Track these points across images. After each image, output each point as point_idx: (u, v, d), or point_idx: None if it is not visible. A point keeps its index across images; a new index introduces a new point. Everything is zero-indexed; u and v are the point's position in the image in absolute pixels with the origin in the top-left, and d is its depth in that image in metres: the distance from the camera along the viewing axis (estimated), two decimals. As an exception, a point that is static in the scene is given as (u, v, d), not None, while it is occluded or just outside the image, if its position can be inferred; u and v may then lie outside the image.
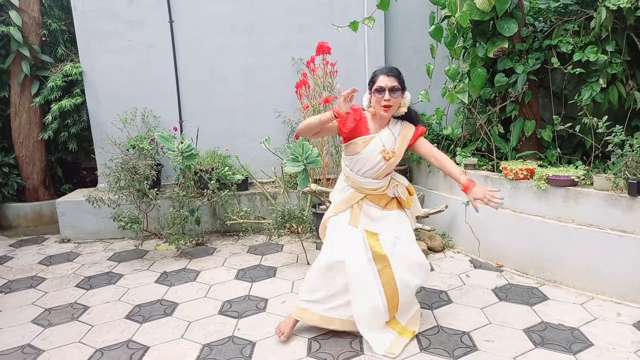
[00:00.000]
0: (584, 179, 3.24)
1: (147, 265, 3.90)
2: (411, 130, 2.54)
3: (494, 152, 3.95)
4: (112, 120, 4.64)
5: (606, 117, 3.29)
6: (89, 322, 2.92)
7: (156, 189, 4.14)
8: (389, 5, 3.70)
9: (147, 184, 4.01)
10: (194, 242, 4.34)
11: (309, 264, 3.72)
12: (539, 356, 2.39)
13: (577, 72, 3.51)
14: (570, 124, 3.59)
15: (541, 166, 3.53)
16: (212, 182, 4.27)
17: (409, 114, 2.53)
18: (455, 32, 3.74)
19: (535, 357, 2.38)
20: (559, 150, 3.80)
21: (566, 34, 3.65)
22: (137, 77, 4.78)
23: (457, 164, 3.65)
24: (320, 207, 4.29)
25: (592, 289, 3.03)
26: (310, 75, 4.48)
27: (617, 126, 3.13)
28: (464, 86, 3.92)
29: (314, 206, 4.40)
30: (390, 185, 2.57)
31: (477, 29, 3.87)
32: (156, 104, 4.82)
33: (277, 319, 2.84)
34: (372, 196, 2.55)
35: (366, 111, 2.52)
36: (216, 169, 4.42)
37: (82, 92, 4.94)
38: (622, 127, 3.14)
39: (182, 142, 4.28)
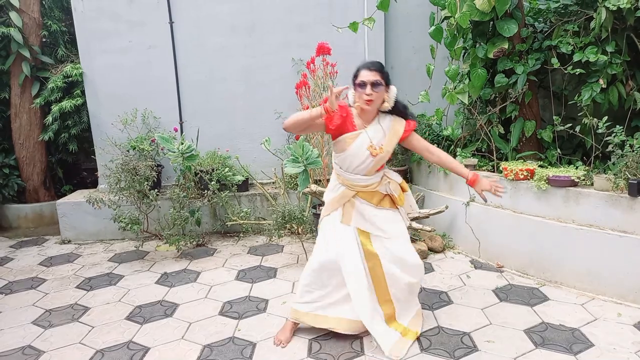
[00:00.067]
0: (584, 180, 3.24)
1: (148, 266, 3.90)
2: (402, 125, 2.51)
3: (494, 152, 3.95)
4: (112, 121, 4.65)
5: (606, 118, 3.29)
6: (89, 323, 2.92)
7: (156, 190, 4.14)
8: (389, 6, 3.70)
9: (147, 185, 4.01)
10: (195, 243, 4.34)
11: (309, 264, 3.72)
12: (540, 357, 2.39)
13: (577, 73, 3.52)
14: (570, 125, 3.59)
15: (541, 167, 3.53)
16: (212, 183, 4.28)
17: (396, 107, 2.49)
18: (455, 32, 3.73)
19: (535, 358, 2.38)
20: (559, 150, 3.80)
21: (566, 34, 3.65)
22: (138, 78, 4.78)
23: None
24: (320, 207, 4.28)
25: (593, 290, 3.03)
26: (310, 76, 4.48)
27: (617, 126, 3.13)
28: (464, 87, 3.92)
29: (314, 207, 4.40)
30: (382, 182, 2.55)
31: (477, 30, 3.87)
32: (156, 104, 4.82)
33: (278, 319, 2.85)
34: (364, 193, 2.53)
35: (352, 107, 2.50)
36: (216, 170, 4.42)
37: (83, 93, 4.94)
38: (622, 127, 3.14)
39: (182, 143, 4.28)
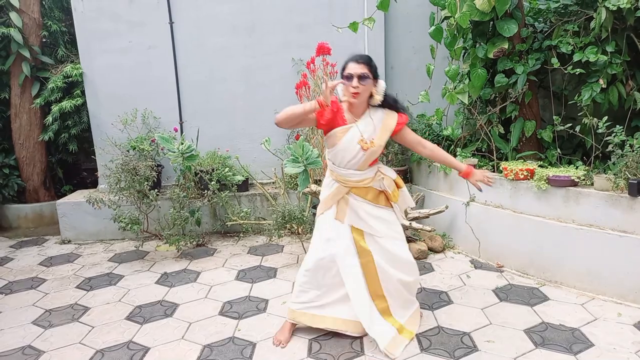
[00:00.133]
0: (584, 179, 3.24)
1: (148, 266, 3.90)
2: (394, 119, 2.50)
3: (494, 152, 3.95)
4: (112, 121, 4.65)
5: (606, 118, 3.29)
6: (89, 323, 2.92)
7: (156, 190, 4.14)
8: (389, 6, 3.70)
9: (147, 185, 4.01)
10: (195, 243, 4.34)
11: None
12: (540, 357, 2.39)
13: (577, 73, 3.51)
14: (570, 125, 3.59)
15: (541, 166, 3.53)
16: (212, 183, 4.27)
17: (386, 101, 2.49)
18: (455, 32, 3.73)
19: (535, 358, 2.38)
20: (559, 150, 3.80)
21: (566, 34, 3.65)
22: (138, 78, 4.78)
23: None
24: (320, 207, 4.28)
25: (593, 290, 3.03)
26: (310, 76, 4.48)
27: (617, 126, 3.13)
28: (464, 87, 3.92)
29: (314, 207, 4.40)
30: (375, 177, 2.53)
31: (477, 30, 3.87)
32: (156, 104, 4.82)
33: (278, 319, 2.85)
34: (358, 189, 2.51)
35: (343, 102, 2.49)
36: (216, 170, 4.42)
37: (83, 93, 4.94)
38: (622, 127, 3.14)
39: (182, 143, 4.28)
